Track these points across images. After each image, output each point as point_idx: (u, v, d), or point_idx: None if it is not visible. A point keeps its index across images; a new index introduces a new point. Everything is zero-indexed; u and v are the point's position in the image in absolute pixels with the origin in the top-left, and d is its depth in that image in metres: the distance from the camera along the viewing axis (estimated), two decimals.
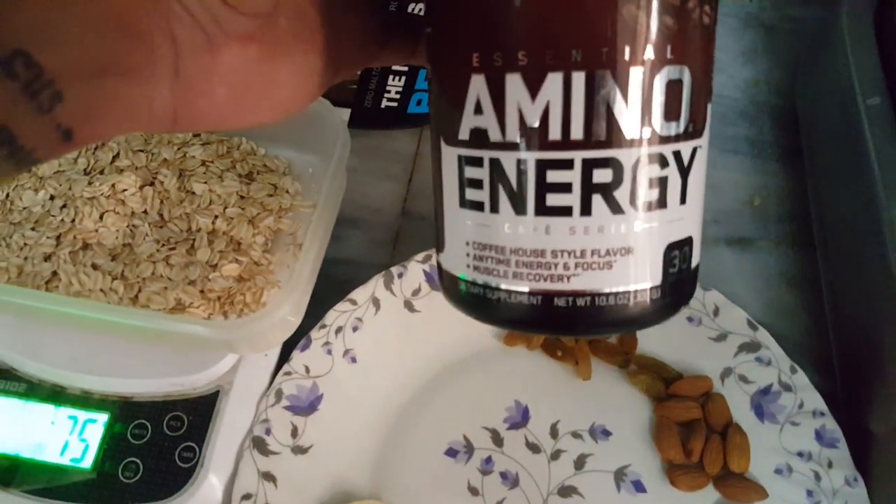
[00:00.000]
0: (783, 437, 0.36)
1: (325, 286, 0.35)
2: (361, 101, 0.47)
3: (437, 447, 0.36)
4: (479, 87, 0.17)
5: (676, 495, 0.34)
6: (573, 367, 0.38)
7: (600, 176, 0.16)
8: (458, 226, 0.19)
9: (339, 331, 0.37)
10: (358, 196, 0.44)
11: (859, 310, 0.37)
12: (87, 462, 0.32)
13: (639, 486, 0.35)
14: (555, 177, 0.17)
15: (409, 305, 0.39)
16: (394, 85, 0.47)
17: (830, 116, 0.42)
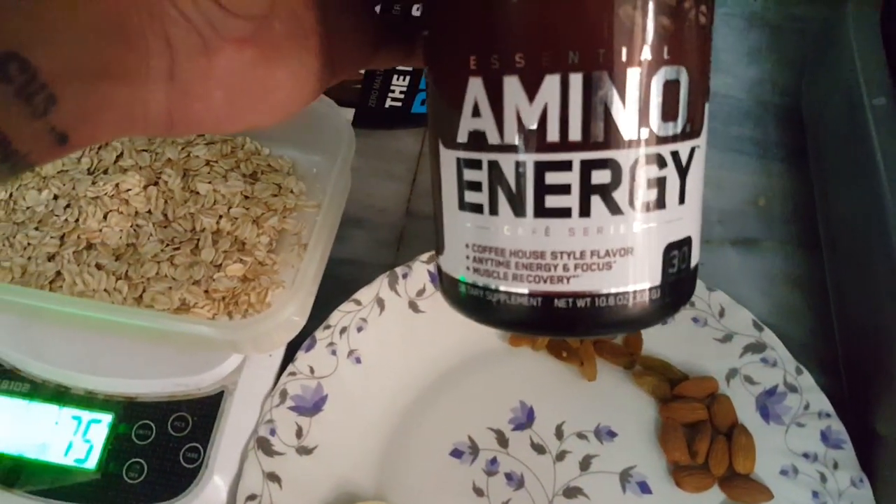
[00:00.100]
0: (789, 438, 0.36)
1: (329, 286, 0.35)
2: (366, 101, 0.47)
3: (442, 448, 0.36)
4: (476, 89, 0.17)
5: (682, 496, 0.34)
6: (578, 368, 0.38)
7: (599, 177, 0.16)
8: (457, 228, 0.19)
9: (344, 331, 0.37)
10: (362, 196, 0.44)
11: (865, 310, 0.37)
12: (92, 463, 0.32)
13: (644, 487, 0.35)
14: (553, 178, 0.17)
15: (413, 306, 0.38)
16: (398, 85, 0.47)
17: (836, 116, 0.42)
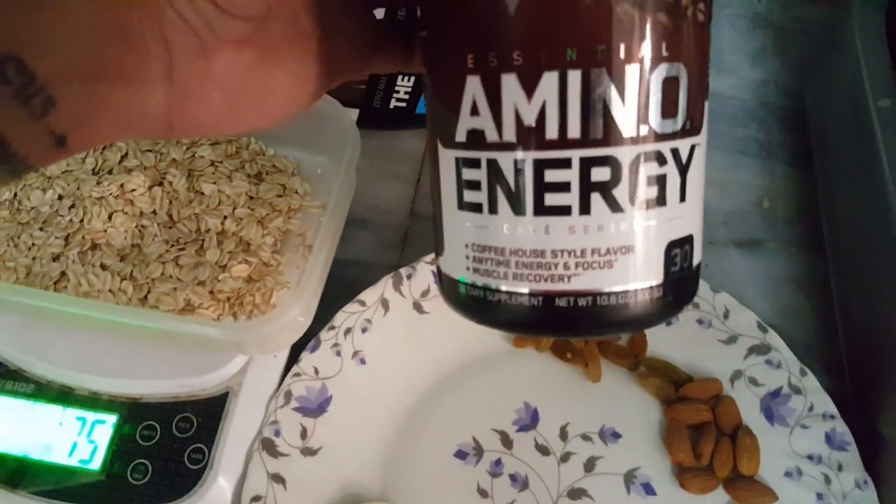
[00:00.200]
0: (793, 439, 0.36)
1: (333, 287, 0.35)
2: (370, 102, 0.47)
3: (447, 449, 0.36)
4: (474, 87, 0.17)
5: (686, 498, 0.34)
6: (583, 369, 0.38)
7: (598, 174, 0.16)
8: (456, 228, 0.19)
9: (348, 332, 0.37)
10: (366, 197, 0.44)
11: (869, 312, 0.37)
12: (96, 463, 0.32)
13: (648, 488, 0.35)
14: (553, 176, 0.17)
15: (417, 307, 0.38)
16: (403, 85, 0.47)
17: (840, 118, 0.42)
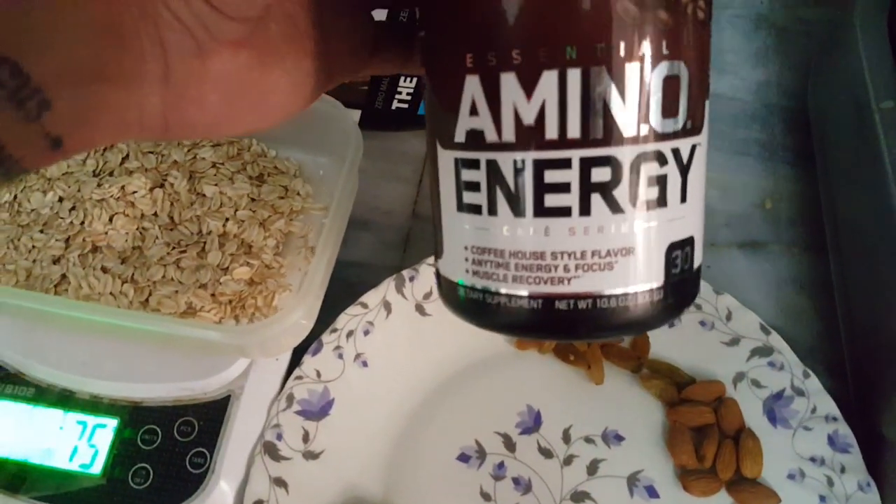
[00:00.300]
0: (796, 442, 0.36)
1: (334, 288, 0.35)
2: (372, 103, 0.47)
3: (449, 452, 0.36)
4: (473, 87, 0.17)
5: (689, 501, 0.34)
6: (585, 372, 0.38)
7: (599, 175, 0.16)
8: (455, 230, 0.19)
9: (351, 335, 0.37)
10: (368, 198, 0.43)
11: (872, 313, 0.37)
12: (97, 468, 0.32)
13: (651, 491, 0.35)
14: (553, 176, 0.16)
15: (420, 309, 0.38)
16: (405, 86, 0.47)
17: (843, 119, 0.42)
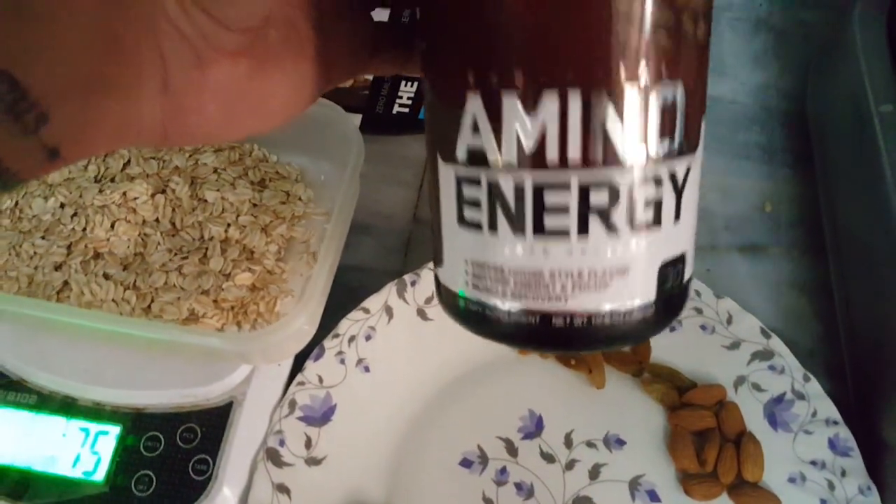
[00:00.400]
0: (797, 445, 0.36)
1: (336, 293, 0.35)
2: (373, 107, 0.47)
3: (452, 457, 0.36)
4: (475, 106, 0.17)
5: None
6: (587, 376, 0.38)
7: (597, 197, 0.16)
8: (456, 243, 0.19)
9: (352, 340, 0.37)
10: (369, 202, 0.43)
11: (872, 316, 0.37)
12: (100, 475, 0.32)
13: (653, 495, 0.35)
14: (552, 198, 0.17)
15: (422, 314, 0.38)
16: (406, 91, 0.47)
17: (842, 122, 0.42)
